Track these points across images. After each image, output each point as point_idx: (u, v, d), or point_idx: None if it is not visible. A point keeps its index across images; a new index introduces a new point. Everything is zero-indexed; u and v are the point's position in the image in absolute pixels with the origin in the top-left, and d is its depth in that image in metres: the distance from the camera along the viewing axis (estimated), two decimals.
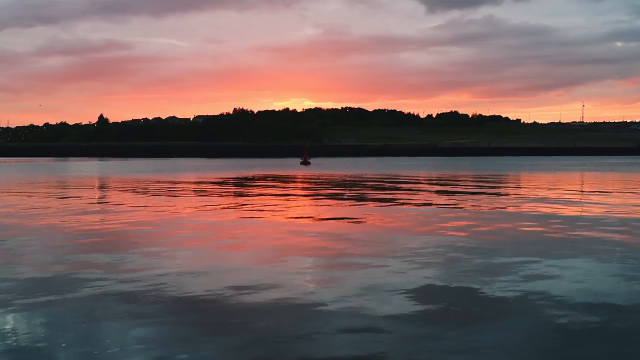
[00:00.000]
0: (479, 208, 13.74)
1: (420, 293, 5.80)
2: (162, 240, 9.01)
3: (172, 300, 5.54)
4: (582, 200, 16.16)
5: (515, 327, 4.77)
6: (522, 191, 20.05)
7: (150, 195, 17.68)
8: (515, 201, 15.68)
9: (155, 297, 5.65)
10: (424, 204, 14.64)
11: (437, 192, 19.23)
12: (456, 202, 15.38)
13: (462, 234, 9.67)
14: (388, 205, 14.43)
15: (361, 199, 16.63)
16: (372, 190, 20.61)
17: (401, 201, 15.68)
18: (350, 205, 14.71)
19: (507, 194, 18.62)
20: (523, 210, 13.29)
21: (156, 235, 9.64)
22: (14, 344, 4.52)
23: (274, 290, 5.86)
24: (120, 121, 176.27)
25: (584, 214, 12.68)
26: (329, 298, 5.59)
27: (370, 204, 14.79)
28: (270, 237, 9.45)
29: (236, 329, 4.73)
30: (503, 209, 13.54)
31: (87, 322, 4.99)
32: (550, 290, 5.90)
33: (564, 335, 4.60)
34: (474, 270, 6.78)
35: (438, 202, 15.15)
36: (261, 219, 11.85)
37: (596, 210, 13.07)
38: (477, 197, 17.22)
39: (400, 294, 5.76)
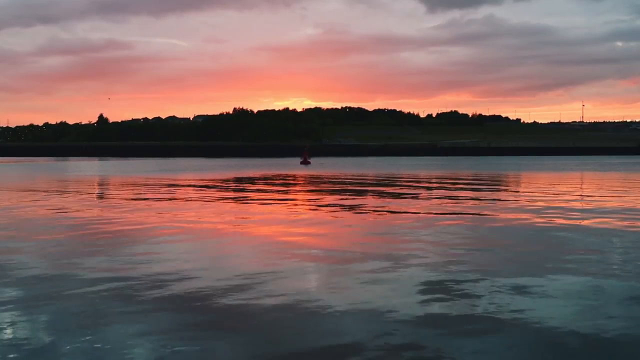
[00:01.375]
0: (481, 216, 13.63)
1: (406, 310, 5.71)
2: (159, 240, 8.92)
3: (167, 302, 5.46)
4: (588, 207, 16.02)
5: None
6: (525, 194, 19.96)
7: (150, 198, 17.55)
8: (517, 204, 15.53)
9: (152, 298, 5.57)
10: (425, 211, 14.52)
11: (439, 197, 19.14)
12: (457, 208, 15.27)
13: (460, 243, 9.57)
14: (388, 212, 14.33)
15: (361, 205, 16.52)
16: (372, 193, 20.52)
17: (402, 208, 15.58)
18: (350, 212, 14.59)
19: (508, 199, 18.50)
20: (525, 219, 13.16)
21: (152, 236, 9.54)
22: (15, 339, 4.70)
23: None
24: (120, 121, 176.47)
25: (588, 223, 12.52)
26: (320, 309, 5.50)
27: (371, 210, 14.69)
28: (264, 250, 9.33)
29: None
30: (506, 217, 13.41)
31: (89, 317, 5.12)
32: (545, 313, 5.80)
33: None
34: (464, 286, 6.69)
35: (439, 207, 15.05)
36: (258, 228, 11.73)
37: (608, 219, 12.92)
38: (479, 202, 17.13)
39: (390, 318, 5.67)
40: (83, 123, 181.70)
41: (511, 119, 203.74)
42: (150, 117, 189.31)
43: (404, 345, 4.68)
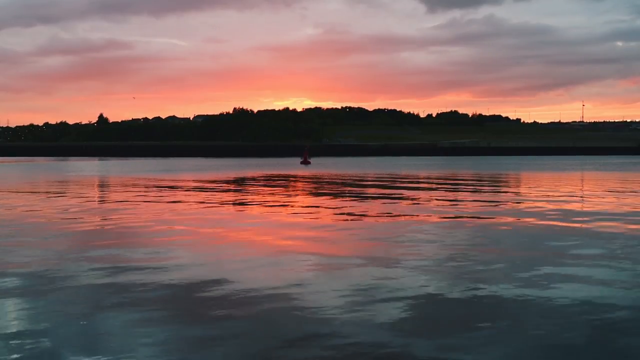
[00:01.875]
0: (481, 218, 13.61)
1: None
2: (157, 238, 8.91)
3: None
4: (587, 209, 15.98)
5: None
6: (525, 194, 19.93)
7: (149, 200, 17.53)
8: (517, 205, 15.50)
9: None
10: (424, 213, 14.50)
11: (439, 198, 19.12)
12: (457, 209, 15.25)
13: (459, 246, 9.55)
14: (387, 213, 14.31)
15: (361, 206, 16.51)
16: (372, 194, 20.51)
17: (401, 210, 15.56)
18: (350, 213, 14.57)
19: (507, 200, 18.46)
20: (525, 220, 13.12)
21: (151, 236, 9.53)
22: (18, 335, 4.83)
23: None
24: (120, 121, 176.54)
25: (588, 225, 12.48)
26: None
27: (370, 211, 14.67)
28: (262, 250, 9.30)
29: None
30: (505, 218, 13.38)
31: (91, 311, 5.27)
32: (543, 314, 5.78)
33: None
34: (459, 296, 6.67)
35: (439, 208, 15.03)
36: (256, 229, 11.71)
37: (607, 221, 12.85)
38: (479, 203, 17.11)
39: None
40: (83, 123, 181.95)
41: (511, 119, 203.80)
42: (150, 117, 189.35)
43: (402, 348, 4.68)
